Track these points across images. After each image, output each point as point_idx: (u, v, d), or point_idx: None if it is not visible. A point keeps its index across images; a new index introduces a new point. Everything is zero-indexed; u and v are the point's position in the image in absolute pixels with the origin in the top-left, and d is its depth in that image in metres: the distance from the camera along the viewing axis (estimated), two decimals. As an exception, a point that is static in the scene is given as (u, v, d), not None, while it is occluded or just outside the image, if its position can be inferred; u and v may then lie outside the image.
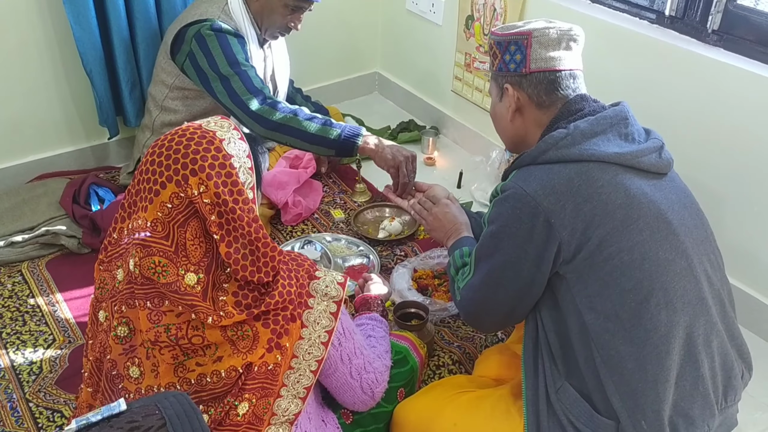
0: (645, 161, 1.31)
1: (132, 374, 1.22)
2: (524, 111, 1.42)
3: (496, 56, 1.43)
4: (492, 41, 1.44)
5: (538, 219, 1.25)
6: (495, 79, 1.47)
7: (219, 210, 1.16)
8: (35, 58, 2.45)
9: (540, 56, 1.37)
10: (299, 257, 1.31)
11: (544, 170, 1.28)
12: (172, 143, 1.18)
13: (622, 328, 1.25)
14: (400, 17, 3.11)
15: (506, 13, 2.50)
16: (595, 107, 1.37)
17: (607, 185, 1.26)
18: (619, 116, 1.34)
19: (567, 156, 1.28)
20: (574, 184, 1.25)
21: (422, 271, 2.21)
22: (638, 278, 1.25)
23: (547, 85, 1.38)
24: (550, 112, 1.40)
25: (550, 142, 1.29)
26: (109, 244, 1.26)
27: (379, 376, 1.44)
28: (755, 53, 1.89)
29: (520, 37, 1.38)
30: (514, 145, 1.52)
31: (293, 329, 1.23)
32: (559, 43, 1.38)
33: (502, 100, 1.45)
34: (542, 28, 1.38)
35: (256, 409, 1.21)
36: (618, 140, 1.31)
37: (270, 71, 2.39)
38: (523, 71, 1.38)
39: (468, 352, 1.97)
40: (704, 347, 1.30)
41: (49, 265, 2.25)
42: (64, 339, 1.99)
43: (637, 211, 1.26)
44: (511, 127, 1.46)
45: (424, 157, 2.90)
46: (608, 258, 1.25)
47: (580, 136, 1.29)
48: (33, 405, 1.79)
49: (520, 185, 1.28)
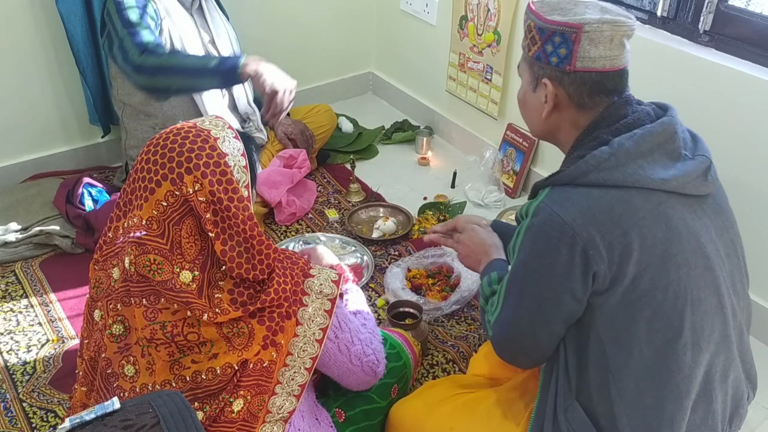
0: (690, 187, 1.21)
1: (127, 372, 1.22)
2: (561, 109, 1.28)
3: (535, 41, 1.25)
4: (532, 23, 1.26)
5: (576, 250, 1.14)
6: (529, 65, 1.30)
7: (214, 208, 1.16)
8: (29, 57, 2.45)
9: (588, 55, 1.21)
10: (294, 255, 1.31)
11: (583, 195, 1.16)
12: (167, 141, 1.18)
13: (644, 365, 1.20)
14: (395, 17, 3.12)
15: (500, 14, 2.51)
16: (640, 114, 1.24)
17: (649, 216, 1.16)
18: (667, 132, 1.21)
19: (609, 180, 1.16)
20: (615, 213, 1.14)
21: (416, 271, 2.21)
22: (669, 318, 1.18)
23: (592, 86, 1.23)
24: (591, 114, 1.26)
25: (592, 164, 1.16)
26: (104, 243, 1.26)
27: (379, 355, 1.45)
28: (747, 53, 1.90)
29: (569, 30, 1.20)
30: (542, 137, 1.39)
31: (288, 326, 1.24)
32: (612, 41, 1.21)
33: (536, 91, 1.30)
34: (595, 22, 1.19)
35: (251, 406, 1.22)
36: (664, 159, 1.20)
37: (207, 38, 2.35)
38: (566, 68, 1.22)
39: (462, 351, 1.98)
40: (720, 382, 1.27)
41: (42, 265, 2.25)
42: (57, 339, 1.99)
43: (677, 246, 1.17)
44: (543, 122, 1.32)
45: (418, 157, 2.91)
46: (641, 295, 1.17)
47: (625, 157, 1.16)
48: (27, 405, 1.79)
49: (557, 211, 1.16)
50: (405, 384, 1.65)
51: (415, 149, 2.96)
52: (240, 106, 2.47)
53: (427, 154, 2.92)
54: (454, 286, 2.15)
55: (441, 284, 2.17)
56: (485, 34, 2.60)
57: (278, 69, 2.16)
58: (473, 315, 2.11)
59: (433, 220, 2.50)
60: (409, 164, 2.89)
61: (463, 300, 2.10)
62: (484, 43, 2.63)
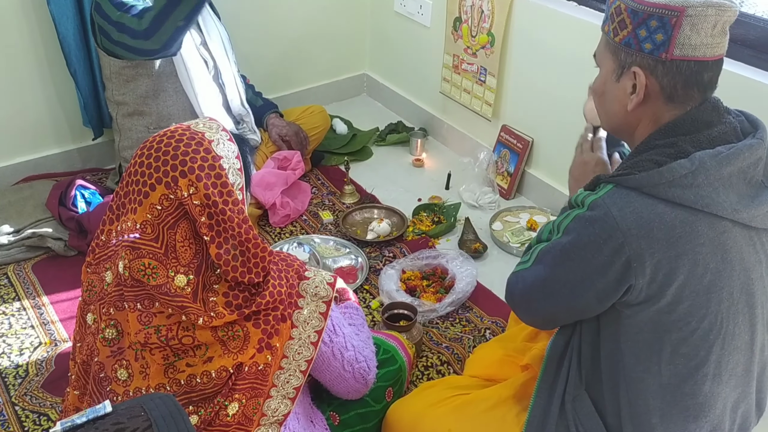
0: (758, 220, 1.13)
1: (120, 377, 1.21)
2: (648, 101, 1.16)
3: (625, 25, 1.13)
4: (622, 4, 1.14)
5: (620, 257, 1.09)
6: (614, 52, 1.18)
7: (209, 211, 1.16)
8: (20, 59, 2.44)
9: (689, 42, 1.09)
10: (289, 257, 1.31)
11: (648, 205, 1.08)
12: (161, 144, 1.17)
13: (659, 384, 1.17)
14: (389, 19, 3.12)
15: (493, 15, 2.51)
16: (726, 128, 1.14)
17: (708, 244, 1.09)
18: (753, 157, 1.11)
19: (679, 198, 1.07)
20: (674, 233, 1.07)
21: (410, 272, 2.21)
22: (697, 347, 1.14)
23: (688, 77, 1.12)
24: (677, 110, 1.15)
25: (667, 176, 1.07)
26: (96, 246, 1.25)
27: (370, 363, 1.46)
28: (740, 55, 1.91)
29: (669, 12, 1.08)
30: (616, 130, 1.28)
31: (284, 329, 1.23)
32: (715, 27, 1.09)
33: (620, 80, 1.18)
34: (700, 5, 1.08)
35: (246, 410, 1.21)
36: (741, 186, 1.11)
37: (198, 41, 2.35)
38: (662, 56, 1.11)
39: (456, 353, 1.98)
40: (731, 413, 1.25)
41: (35, 268, 2.24)
42: (50, 342, 1.98)
43: (727, 279, 1.12)
44: (625, 115, 1.20)
45: (412, 159, 2.91)
46: (676, 320, 1.12)
47: (704, 177, 1.07)
48: (19, 408, 1.78)
49: (614, 213, 1.08)
50: (400, 387, 1.65)
51: (409, 151, 2.96)
52: (233, 108, 2.46)
53: (422, 155, 2.92)
54: (448, 288, 2.15)
55: (435, 286, 2.17)
56: (479, 36, 2.61)
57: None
58: (468, 317, 2.11)
59: (427, 222, 2.49)
60: (403, 166, 2.89)
61: (458, 301, 2.10)
62: (478, 44, 2.63)
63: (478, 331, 2.05)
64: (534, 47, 2.45)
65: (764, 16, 1.89)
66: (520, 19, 2.46)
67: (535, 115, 2.54)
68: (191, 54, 2.29)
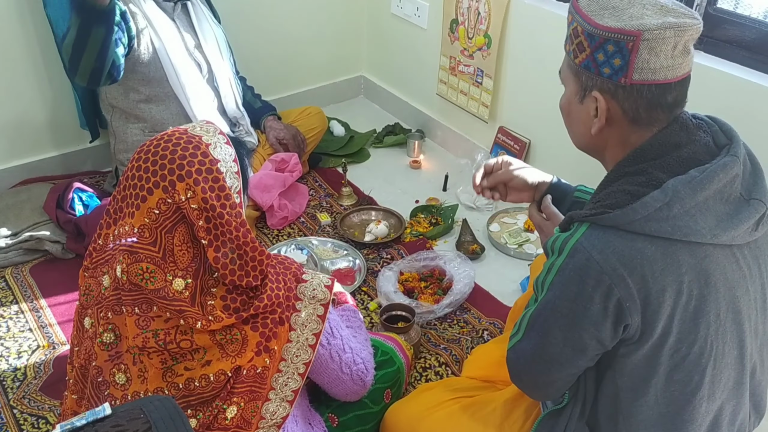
0: (738, 239, 1.10)
1: (118, 381, 1.21)
2: (612, 125, 1.14)
3: (583, 48, 1.10)
4: (579, 26, 1.10)
5: (612, 300, 1.06)
6: (576, 73, 1.15)
7: (207, 215, 1.16)
8: (17, 62, 2.43)
9: (647, 66, 1.05)
10: (286, 260, 1.31)
11: (626, 242, 1.05)
12: (158, 148, 1.17)
13: (657, 413, 1.16)
14: (385, 21, 3.12)
15: (490, 17, 2.51)
16: (696, 147, 1.10)
17: (690, 272, 1.06)
18: (727, 176, 1.07)
19: (657, 231, 1.04)
20: (656, 267, 1.05)
21: (408, 274, 2.21)
22: (690, 372, 1.13)
23: (650, 100, 1.08)
24: (643, 133, 1.12)
25: (641, 213, 1.04)
26: (94, 250, 1.25)
27: (368, 365, 1.46)
28: (735, 56, 1.92)
29: (625, 37, 1.04)
30: (585, 150, 1.25)
31: (282, 332, 1.23)
32: (675, 48, 1.05)
33: (583, 102, 1.15)
34: (656, 27, 1.03)
35: (245, 413, 1.21)
36: (719, 206, 1.07)
37: (192, 44, 2.34)
38: (621, 81, 1.07)
39: (454, 354, 1.98)
40: (728, 426, 1.24)
41: (33, 271, 2.23)
42: (48, 345, 1.98)
43: (713, 302, 1.10)
44: (590, 137, 1.18)
45: (409, 161, 2.91)
46: (667, 350, 1.11)
47: (679, 207, 1.04)
48: (17, 411, 1.78)
49: (596, 257, 1.05)
50: (398, 388, 1.65)
51: (406, 152, 2.96)
52: (228, 111, 2.46)
53: (419, 157, 2.92)
54: (446, 289, 2.15)
55: (433, 287, 2.18)
56: (476, 38, 2.61)
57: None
58: (466, 318, 2.11)
59: (425, 223, 2.50)
60: (400, 168, 2.89)
61: (456, 303, 2.11)
62: (474, 46, 2.64)
63: (476, 333, 2.06)
64: (530, 49, 2.45)
65: (759, 17, 1.90)
66: (517, 21, 2.47)
67: (532, 117, 2.55)
68: (182, 58, 2.28)
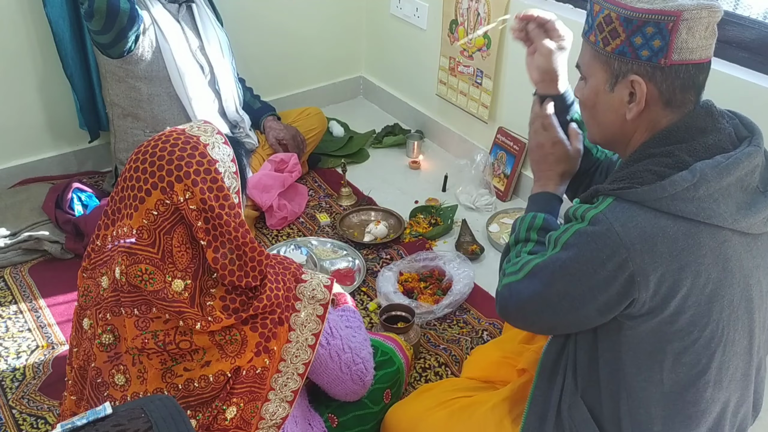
0: (755, 227, 1.13)
1: (117, 382, 1.21)
2: (647, 108, 1.15)
3: (617, 34, 1.11)
4: (612, 13, 1.11)
5: (624, 273, 1.08)
6: (606, 62, 1.15)
7: (205, 216, 1.15)
8: (17, 62, 2.43)
9: (686, 45, 1.08)
10: (285, 260, 1.31)
11: (650, 219, 1.07)
12: (156, 149, 1.17)
13: (661, 393, 1.17)
14: (385, 21, 3.12)
15: (489, 18, 2.51)
16: (721, 135, 1.13)
17: (710, 255, 1.09)
18: (750, 165, 1.11)
19: (681, 211, 1.07)
20: (677, 246, 1.07)
21: (408, 274, 2.21)
22: (699, 355, 1.14)
23: (685, 80, 1.11)
24: (674, 115, 1.15)
25: (669, 191, 1.06)
26: (92, 251, 1.25)
27: (368, 365, 1.46)
28: (735, 57, 1.92)
29: (666, 18, 1.07)
30: (605, 141, 1.26)
31: (281, 333, 1.23)
32: (707, 28, 1.09)
33: (614, 90, 1.16)
34: (694, 8, 1.07)
35: (244, 414, 1.21)
36: (740, 194, 1.10)
37: (195, 45, 2.34)
38: (661, 62, 1.09)
39: (454, 355, 1.98)
40: (731, 418, 1.26)
41: (31, 271, 2.23)
42: (47, 345, 1.97)
43: (728, 288, 1.12)
44: (620, 124, 1.18)
45: (409, 161, 2.91)
46: (678, 330, 1.12)
47: (705, 189, 1.07)
48: (16, 412, 1.78)
49: (617, 229, 1.07)
50: (398, 389, 1.65)
51: (406, 153, 2.96)
52: (229, 114, 2.47)
53: (418, 157, 2.92)
54: (446, 290, 2.15)
55: (433, 288, 2.17)
56: (475, 38, 2.61)
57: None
58: (465, 318, 2.11)
59: (424, 224, 2.50)
60: (400, 168, 2.89)
61: (455, 303, 2.11)
62: (474, 47, 2.64)
63: (476, 333, 2.06)
64: (530, 49, 2.45)
65: (759, 18, 1.90)
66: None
67: (532, 117, 2.55)
68: (185, 59, 2.29)
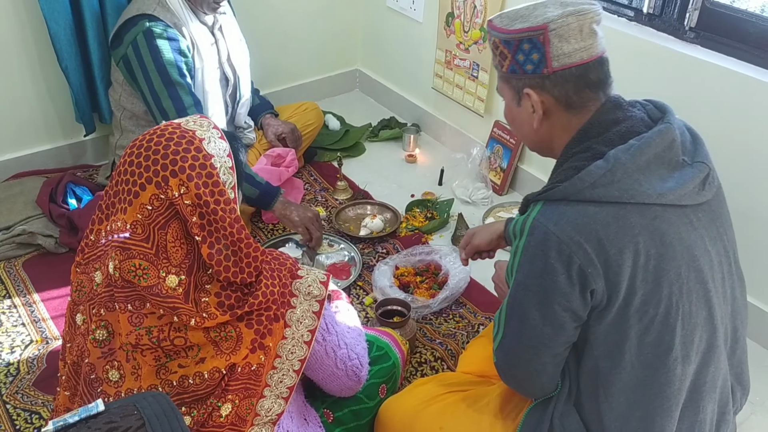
0: (687, 198, 1.17)
1: (111, 378, 1.20)
2: (551, 115, 1.23)
3: (505, 56, 1.22)
4: (496, 39, 1.22)
5: (574, 268, 1.12)
6: (507, 81, 1.26)
7: (200, 211, 1.14)
8: (11, 55, 2.41)
9: (562, 51, 1.16)
10: (281, 256, 1.30)
11: (578, 212, 1.12)
12: (151, 143, 1.16)
13: (635, 378, 1.19)
14: (381, 14, 3.11)
15: (486, 11, 2.50)
16: (634, 121, 1.19)
17: (644, 232, 1.13)
18: (665, 141, 1.16)
19: (605, 197, 1.12)
20: (610, 231, 1.11)
21: (404, 269, 2.21)
22: (660, 332, 1.17)
23: (576, 82, 1.18)
24: (581, 116, 1.21)
25: (587, 180, 1.12)
26: (86, 246, 1.24)
27: (362, 360, 1.46)
28: (732, 50, 1.91)
29: (534, 33, 1.16)
30: (537, 149, 1.34)
31: (276, 329, 1.22)
32: (581, 31, 1.16)
33: (521, 104, 1.25)
34: (559, 17, 1.15)
35: (239, 410, 1.20)
36: (662, 170, 1.16)
37: (225, 56, 2.35)
38: (544, 72, 1.18)
39: (450, 349, 1.98)
40: (709, 393, 1.26)
41: (25, 265, 2.22)
42: (41, 340, 1.96)
43: (671, 261, 1.15)
44: (535, 133, 1.27)
45: (405, 155, 2.91)
46: (634, 311, 1.15)
47: (622, 172, 1.12)
48: (10, 407, 1.77)
49: (552, 229, 1.12)
50: (394, 383, 1.64)
51: (402, 147, 2.95)
52: (237, 121, 2.50)
53: (415, 151, 2.92)
54: (442, 284, 2.15)
55: (429, 282, 2.17)
56: (471, 31, 2.60)
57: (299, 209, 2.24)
58: (461, 312, 2.11)
59: (420, 218, 2.49)
60: (396, 162, 2.88)
61: (452, 297, 2.10)
62: (470, 40, 2.63)
63: (472, 327, 2.05)
64: (527, 43, 2.44)
65: (756, 11, 1.90)
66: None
67: (528, 111, 2.54)
68: (213, 77, 2.29)
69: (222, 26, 2.32)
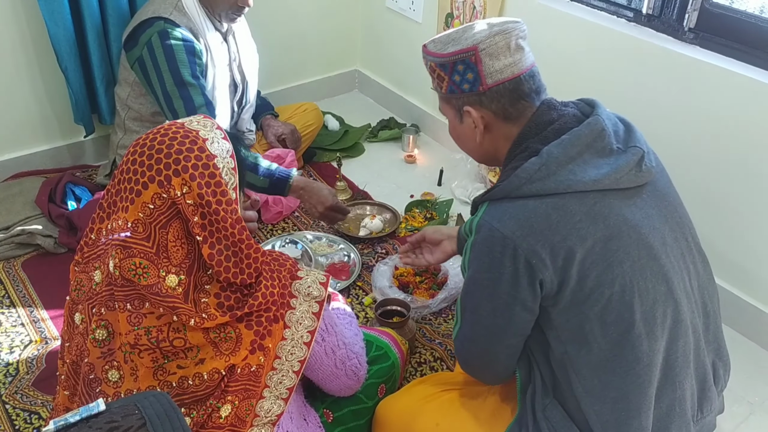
0: (624, 180, 1.23)
1: (111, 378, 1.20)
2: (492, 128, 1.32)
3: (443, 78, 1.31)
4: (432, 63, 1.32)
5: (519, 261, 1.18)
6: (447, 101, 1.35)
7: (202, 211, 1.14)
8: (10, 55, 2.41)
9: (494, 68, 1.25)
10: (281, 257, 1.30)
11: (519, 207, 1.20)
12: (154, 143, 1.16)
13: (603, 359, 1.23)
14: (380, 15, 3.11)
15: (485, 11, 2.51)
16: (566, 118, 1.27)
17: (585, 218, 1.19)
18: (594, 131, 1.24)
19: (542, 190, 1.19)
20: (551, 221, 1.18)
21: (403, 269, 2.21)
22: (619, 311, 1.21)
23: (510, 94, 1.27)
24: (519, 123, 1.30)
25: (523, 177, 1.20)
26: (85, 244, 1.24)
27: (361, 359, 1.46)
28: (731, 51, 1.92)
29: (466, 54, 1.25)
30: (484, 161, 1.43)
31: (276, 330, 1.22)
32: (509, 48, 1.25)
33: (463, 121, 1.34)
34: (486, 37, 1.25)
35: (239, 411, 1.20)
36: (595, 159, 1.23)
37: (236, 62, 2.36)
38: (480, 89, 1.27)
39: (449, 349, 1.98)
40: (683, 369, 1.29)
41: (25, 265, 2.22)
42: (41, 340, 1.96)
43: (617, 241, 1.20)
44: (480, 146, 1.36)
45: (404, 155, 2.91)
46: (589, 294, 1.20)
47: (555, 165, 1.20)
48: (9, 407, 1.77)
49: (495, 226, 1.20)
50: (393, 383, 1.65)
51: (401, 147, 2.96)
52: (241, 125, 2.49)
53: (414, 151, 2.92)
54: (441, 284, 2.15)
55: (428, 282, 2.17)
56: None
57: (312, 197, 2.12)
58: (460, 313, 2.11)
59: (420, 218, 2.49)
60: (395, 162, 2.88)
61: (451, 297, 2.10)
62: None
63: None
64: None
65: (755, 12, 1.90)
66: (512, 15, 2.46)
67: (527, 112, 2.55)
68: (224, 83, 2.28)
69: (234, 32, 2.32)
